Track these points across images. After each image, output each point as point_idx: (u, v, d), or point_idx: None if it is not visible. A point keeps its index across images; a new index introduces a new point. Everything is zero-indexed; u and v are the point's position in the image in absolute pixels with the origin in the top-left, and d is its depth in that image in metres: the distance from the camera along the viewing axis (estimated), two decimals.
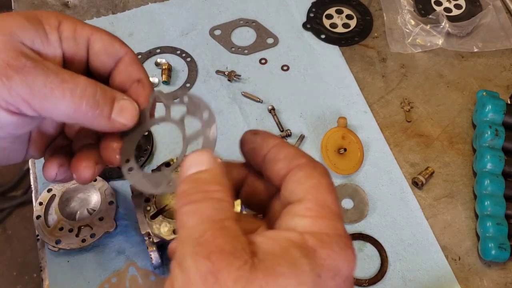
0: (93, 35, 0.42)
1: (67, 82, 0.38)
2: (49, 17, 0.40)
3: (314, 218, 0.31)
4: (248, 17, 0.77)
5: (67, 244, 0.54)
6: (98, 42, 0.42)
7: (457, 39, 0.75)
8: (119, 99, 0.40)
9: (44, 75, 0.37)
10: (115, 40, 0.43)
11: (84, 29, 0.42)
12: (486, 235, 0.57)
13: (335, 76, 0.71)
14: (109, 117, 0.40)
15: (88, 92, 0.38)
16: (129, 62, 0.43)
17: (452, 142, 0.66)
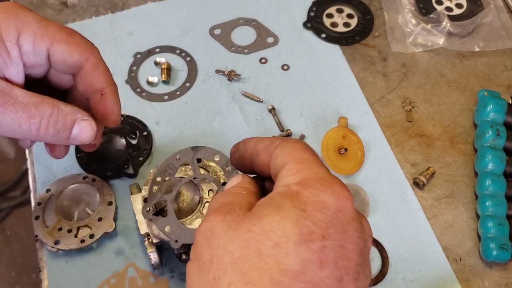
0: (52, 46, 0.42)
1: (33, 117, 0.41)
2: (8, 28, 0.40)
3: (295, 173, 0.34)
4: (248, 16, 0.76)
5: (66, 245, 0.54)
6: (57, 54, 0.42)
7: (458, 38, 0.74)
8: (79, 121, 0.44)
9: (13, 111, 0.40)
10: (74, 48, 0.43)
11: (43, 41, 0.41)
12: (488, 236, 0.57)
13: (336, 75, 0.71)
14: (67, 138, 0.44)
15: (51, 122, 0.42)
16: (90, 70, 0.44)
17: (453, 142, 0.66)
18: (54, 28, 0.42)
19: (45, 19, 0.42)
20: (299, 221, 0.30)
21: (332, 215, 0.31)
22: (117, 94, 0.47)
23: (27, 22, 0.41)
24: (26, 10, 0.42)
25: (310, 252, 0.30)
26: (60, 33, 0.42)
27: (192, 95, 0.69)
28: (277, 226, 0.30)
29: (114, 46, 0.73)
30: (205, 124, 0.66)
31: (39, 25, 0.41)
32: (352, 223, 0.32)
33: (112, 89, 0.46)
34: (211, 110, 0.67)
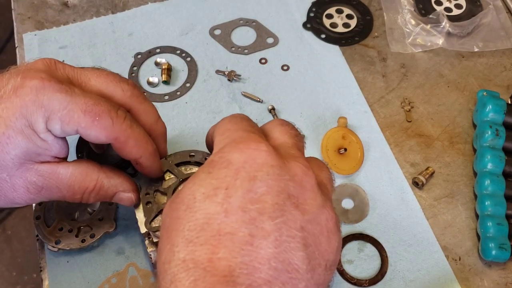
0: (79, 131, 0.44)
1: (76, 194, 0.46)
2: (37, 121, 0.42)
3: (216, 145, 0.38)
4: (248, 16, 0.77)
5: (67, 245, 0.54)
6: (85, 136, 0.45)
7: (458, 38, 0.74)
8: (120, 193, 0.48)
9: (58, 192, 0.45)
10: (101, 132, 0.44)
11: (69, 127, 0.43)
12: (487, 235, 0.57)
13: (335, 75, 0.71)
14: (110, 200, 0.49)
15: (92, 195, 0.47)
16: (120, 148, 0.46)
17: (452, 142, 0.66)
18: (79, 113, 0.43)
19: (73, 99, 0.43)
20: (204, 182, 0.34)
21: (238, 168, 0.34)
22: (152, 158, 0.48)
23: (53, 110, 0.42)
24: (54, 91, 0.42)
25: (214, 205, 0.33)
26: (85, 119, 0.43)
27: (192, 95, 0.69)
28: (188, 191, 0.34)
29: (114, 46, 0.73)
30: (205, 124, 0.66)
31: (65, 112, 0.42)
32: (263, 168, 0.34)
33: (146, 157, 0.47)
34: (211, 110, 0.68)
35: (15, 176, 0.43)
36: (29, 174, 0.44)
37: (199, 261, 0.32)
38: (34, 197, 0.45)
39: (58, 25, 0.76)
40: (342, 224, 0.59)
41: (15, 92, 0.42)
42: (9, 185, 0.44)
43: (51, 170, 0.44)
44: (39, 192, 0.45)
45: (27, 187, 0.44)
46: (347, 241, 0.58)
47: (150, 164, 0.49)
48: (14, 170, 0.43)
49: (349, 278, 0.56)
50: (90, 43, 0.74)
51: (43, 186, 0.44)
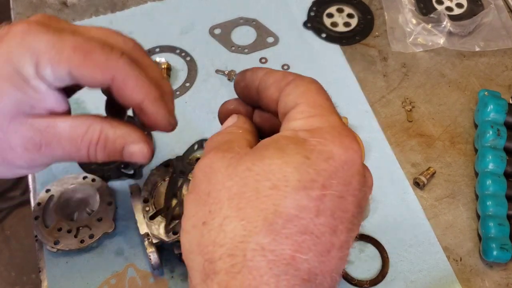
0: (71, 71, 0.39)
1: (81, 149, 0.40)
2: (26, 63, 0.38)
3: (306, 118, 0.33)
4: (248, 16, 0.76)
5: (66, 245, 0.54)
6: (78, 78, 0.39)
7: (459, 38, 0.74)
8: (129, 144, 0.42)
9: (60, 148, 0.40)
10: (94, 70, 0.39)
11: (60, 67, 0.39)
12: (488, 236, 0.56)
13: (336, 75, 0.71)
14: (121, 158, 0.42)
15: (99, 149, 0.41)
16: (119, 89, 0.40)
17: (453, 142, 0.66)
18: (69, 51, 0.38)
19: (61, 37, 0.39)
20: (301, 168, 0.30)
21: (337, 166, 0.31)
22: (158, 101, 0.42)
23: (41, 51, 0.38)
24: (41, 32, 0.39)
25: (308, 199, 0.30)
26: (76, 56, 0.38)
27: (192, 95, 0.69)
28: (278, 169, 0.30)
29: None
30: (205, 124, 0.66)
31: (54, 51, 0.38)
32: (356, 176, 0.31)
33: (150, 100, 0.41)
34: (211, 110, 0.67)
35: (9, 132, 0.39)
36: (24, 129, 0.39)
37: (282, 255, 0.29)
38: (34, 157, 0.40)
39: None
40: None
41: (1, 39, 0.39)
42: (6, 144, 0.39)
43: (47, 123, 0.40)
44: (39, 149, 0.40)
45: (25, 145, 0.39)
46: None
47: (156, 109, 0.42)
48: (6, 124, 0.38)
49: (350, 279, 0.56)
50: None
51: (42, 142, 0.40)
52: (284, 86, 0.35)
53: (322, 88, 0.35)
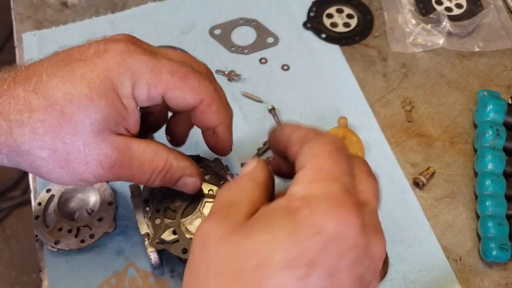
0: (166, 93, 0.42)
1: (145, 173, 0.43)
2: (123, 84, 0.41)
3: (306, 183, 0.32)
4: (248, 16, 0.76)
5: (66, 245, 0.54)
6: (171, 100, 0.43)
7: (458, 38, 0.74)
8: (186, 176, 0.46)
9: (129, 170, 0.43)
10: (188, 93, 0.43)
11: (156, 90, 0.42)
12: (487, 236, 0.57)
13: (336, 75, 0.71)
14: (173, 186, 0.47)
15: (159, 177, 0.44)
16: (203, 111, 0.44)
17: (453, 142, 0.66)
18: (167, 75, 0.42)
19: (157, 62, 0.42)
20: (286, 245, 0.29)
21: (326, 242, 0.29)
22: (230, 129, 0.47)
23: (140, 73, 0.41)
24: (139, 54, 0.42)
25: (290, 279, 0.28)
26: (173, 80, 0.42)
27: None
28: (263, 247, 0.29)
29: None
30: None
31: (152, 74, 0.41)
32: (351, 252, 0.30)
33: (225, 126, 0.46)
34: None
35: (90, 146, 0.40)
36: (105, 146, 0.41)
37: None
38: (104, 174, 0.42)
39: (58, 24, 0.75)
40: None
41: (99, 55, 0.41)
42: (82, 156, 0.40)
43: (126, 143, 0.42)
44: (111, 168, 0.42)
45: (100, 161, 0.41)
46: None
47: (227, 135, 0.47)
48: (91, 138, 0.40)
49: None
50: None
51: (116, 161, 0.42)
52: (304, 144, 0.34)
53: (337, 150, 0.33)
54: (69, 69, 0.40)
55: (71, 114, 0.39)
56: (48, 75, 0.40)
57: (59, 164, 0.41)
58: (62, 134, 0.40)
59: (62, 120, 0.39)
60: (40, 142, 0.40)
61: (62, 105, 0.39)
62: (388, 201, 0.61)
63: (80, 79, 0.40)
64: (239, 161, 0.63)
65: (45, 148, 0.40)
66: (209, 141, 0.48)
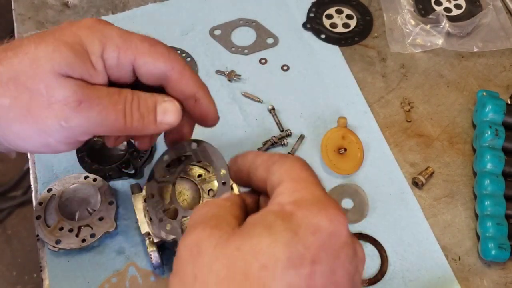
0: (136, 59, 0.42)
1: (117, 103, 0.41)
2: (93, 42, 0.41)
3: (292, 192, 0.33)
4: (248, 17, 0.77)
5: (67, 244, 0.54)
6: (141, 66, 0.43)
7: (457, 39, 0.75)
8: (161, 102, 0.43)
9: (99, 104, 0.40)
10: (158, 58, 0.43)
11: (126, 54, 0.42)
12: (486, 235, 0.57)
13: (335, 76, 0.71)
14: (155, 122, 0.43)
15: (134, 107, 0.42)
16: (177, 78, 0.44)
17: (452, 142, 0.66)
18: (136, 41, 0.42)
19: (128, 32, 0.43)
20: (290, 245, 0.30)
21: (325, 239, 0.31)
22: (209, 94, 0.47)
23: (110, 36, 0.41)
24: (109, 25, 0.42)
25: (298, 277, 0.29)
26: (142, 45, 0.42)
27: None
28: (267, 248, 0.30)
29: None
30: None
31: (122, 39, 0.42)
32: (345, 248, 0.31)
33: (203, 91, 0.46)
34: None
35: (52, 88, 0.39)
36: (69, 85, 0.39)
37: None
38: (71, 116, 0.39)
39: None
40: None
41: (71, 25, 0.41)
42: (44, 100, 0.39)
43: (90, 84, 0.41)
44: (78, 106, 0.39)
45: (65, 99, 0.39)
46: None
47: (210, 100, 0.46)
48: (53, 80, 0.39)
49: None
50: None
51: (83, 97, 0.39)
52: (271, 165, 0.36)
53: (306, 164, 0.36)
54: (42, 34, 0.41)
55: (34, 59, 0.39)
56: (21, 39, 0.41)
57: (21, 112, 0.39)
58: (24, 79, 0.39)
59: (25, 65, 0.39)
60: (2, 90, 0.39)
61: (27, 52, 0.39)
62: (387, 201, 0.61)
63: (51, 34, 0.40)
64: None
65: (7, 96, 0.39)
66: (194, 112, 0.46)
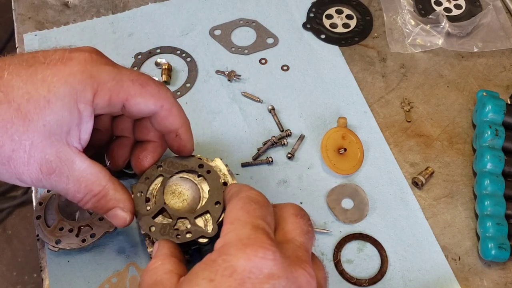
0: (127, 100, 0.44)
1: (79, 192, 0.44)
2: (85, 89, 0.41)
3: (223, 236, 0.36)
4: (248, 17, 0.77)
5: (67, 244, 0.54)
6: (132, 107, 0.45)
7: (457, 39, 0.75)
8: (116, 209, 0.47)
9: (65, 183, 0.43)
10: (149, 99, 0.45)
11: (118, 97, 0.43)
12: (486, 235, 0.57)
13: (335, 76, 0.71)
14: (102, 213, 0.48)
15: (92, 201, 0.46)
16: (164, 116, 0.47)
17: (452, 142, 0.66)
18: (128, 83, 0.44)
19: (120, 71, 0.44)
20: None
21: (243, 278, 0.32)
22: (189, 130, 0.50)
23: (102, 81, 0.42)
24: (102, 64, 0.43)
25: None
26: (134, 88, 0.44)
27: (193, 96, 0.69)
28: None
29: (115, 47, 0.73)
30: (205, 125, 0.66)
31: (114, 82, 0.43)
32: (270, 281, 0.32)
33: (185, 128, 0.49)
34: (211, 110, 0.68)
35: (36, 148, 0.40)
36: (50, 151, 0.41)
37: None
38: (41, 179, 0.42)
39: (59, 25, 0.76)
40: (342, 224, 0.59)
41: (63, 62, 0.41)
42: (25, 157, 0.41)
43: (71, 156, 0.43)
44: (49, 174, 0.42)
45: (41, 165, 0.41)
46: (347, 241, 0.58)
47: (189, 135, 0.49)
48: (39, 140, 0.40)
49: (348, 278, 0.56)
50: (90, 43, 0.74)
51: (56, 169, 0.42)
52: (228, 201, 0.42)
53: (250, 201, 0.38)
54: (32, 71, 0.41)
55: (26, 113, 0.40)
56: (10, 73, 0.41)
57: (1, 160, 0.41)
58: (12, 131, 0.40)
59: (16, 117, 0.40)
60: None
61: (19, 103, 0.40)
62: (387, 201, 0.61)
63: (42, 81, 0.40)
64: (239, 161, 0.63)
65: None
66: (172, 144, 0.50)
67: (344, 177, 0.63)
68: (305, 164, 0.64)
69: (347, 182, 0.62)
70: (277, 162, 0.63)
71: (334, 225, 0.59)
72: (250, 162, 0.63)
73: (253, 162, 0.63)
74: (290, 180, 0.62)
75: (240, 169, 0.63)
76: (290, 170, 0.63)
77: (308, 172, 0.63)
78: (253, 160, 0.63)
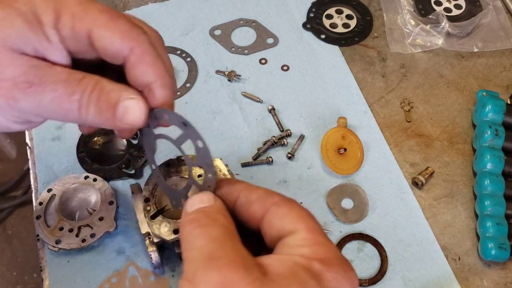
0: (92, 31, 0.37)
1: (74, 93, 0.36)
2: (47, 10, 0.36)
3: (311, 246, 0.32)
4: (248, 17, 0.77)
5: (67, 244, 0.55)
6: (96, 40, 0.37)
7: (457, 39, 0.75)
8: (124, 99, 0.37)
9: (52, 90, 0.36)
10: (115, 34, 0.37)
11: (81, 25, 0.36)
12: (486, 235, 0.57)
13: (335, 76, 0.71)
14: (113, 119, 0.38)
15: (92, 99, 0.37)
16: (134, 62, 0.38)
17: (452, 142, 0.66)
18: (95, 10, 0.36)
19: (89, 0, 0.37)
20: None
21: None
22: (168, 90, 0.39)
23: (67, 4, 0.36)
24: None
25: None
26: (101, 17, 0.36)
27: (193, 96, 0.69)
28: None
29: None
30: (205, 125, 0.66)
31: (80, 7, 0.36)
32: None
33: (161, 84, 0.38)
34: (211, 110, 0.68)
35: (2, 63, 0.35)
36: (21, 62, 0.35)
37: None
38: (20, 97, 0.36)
39: None
40: (342, 224, 0.59)
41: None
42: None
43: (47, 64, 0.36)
44: (28, 87, 0.35)
45: (14, 79, 0.35)
46: (347, 241, 0.58)
47: (165, 94, 0.39)
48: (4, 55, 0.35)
49: None
50: None
51: (35, 80, 0.35)
52: (270, 206, 0.34)
53: (311, 212, 0.35)
54: None
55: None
56: None
57: None
58: None
59: None
60: None
61: None
62: (387, 201, 0.61)
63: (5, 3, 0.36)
64: (239, 161, 0.63)
65: None
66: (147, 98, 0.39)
67: (344, 177, 0.63)
68: (305, 164, 0.64)
69: (347, 182, 0.62)
70: (277, 162, 0.63)
71: (334, 225, 0.59)
72: (250, 162, 0.63)
73: (253, 162, 0.63)
74: (290, 180, 0.62)
75: (240, 169, 0.63)
76: (290, 170, 0.63)
77: (308, 172, 0.63)
78: (253, 160, 0.64)
